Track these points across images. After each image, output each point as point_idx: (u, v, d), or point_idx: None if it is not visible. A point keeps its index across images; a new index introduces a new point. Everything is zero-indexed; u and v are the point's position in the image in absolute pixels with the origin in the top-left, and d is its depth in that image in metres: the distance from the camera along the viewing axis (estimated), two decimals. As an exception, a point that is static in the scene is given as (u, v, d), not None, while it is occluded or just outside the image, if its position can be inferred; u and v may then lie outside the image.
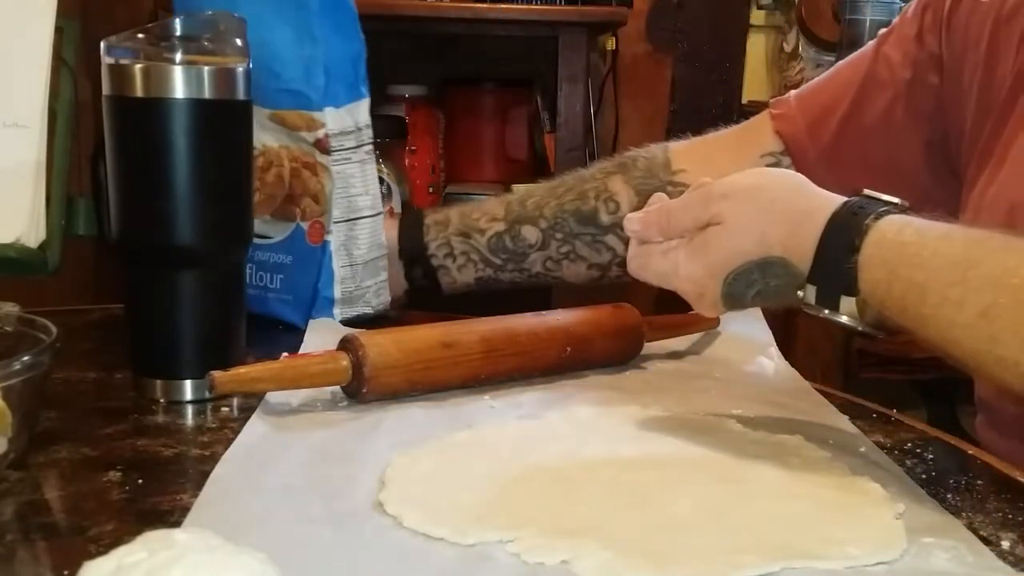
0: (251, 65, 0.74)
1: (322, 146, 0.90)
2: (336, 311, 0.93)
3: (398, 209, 1.39)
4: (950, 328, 0.58)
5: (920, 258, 0.60)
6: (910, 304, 0.60)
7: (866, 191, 0.65)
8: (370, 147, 0.94)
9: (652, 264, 0.70)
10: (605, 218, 0.96)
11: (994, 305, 0.55)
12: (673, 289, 0.70)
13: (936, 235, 0.61)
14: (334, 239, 0.92)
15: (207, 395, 0.70)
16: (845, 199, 0.64)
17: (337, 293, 0.93)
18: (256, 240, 0.94)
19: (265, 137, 0.93)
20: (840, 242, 0.62)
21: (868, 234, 0.61)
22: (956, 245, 0.60)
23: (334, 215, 0.92)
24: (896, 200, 0.64)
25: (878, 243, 0.61)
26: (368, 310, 0.95)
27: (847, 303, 0.63)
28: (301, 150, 0.92)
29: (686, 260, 0.68)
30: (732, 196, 0.66)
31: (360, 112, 0.92)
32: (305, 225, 0.93)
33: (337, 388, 0.73)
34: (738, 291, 0.66)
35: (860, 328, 0.64)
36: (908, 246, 0.61)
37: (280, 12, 0.87)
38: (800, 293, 0.65)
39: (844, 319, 0.63)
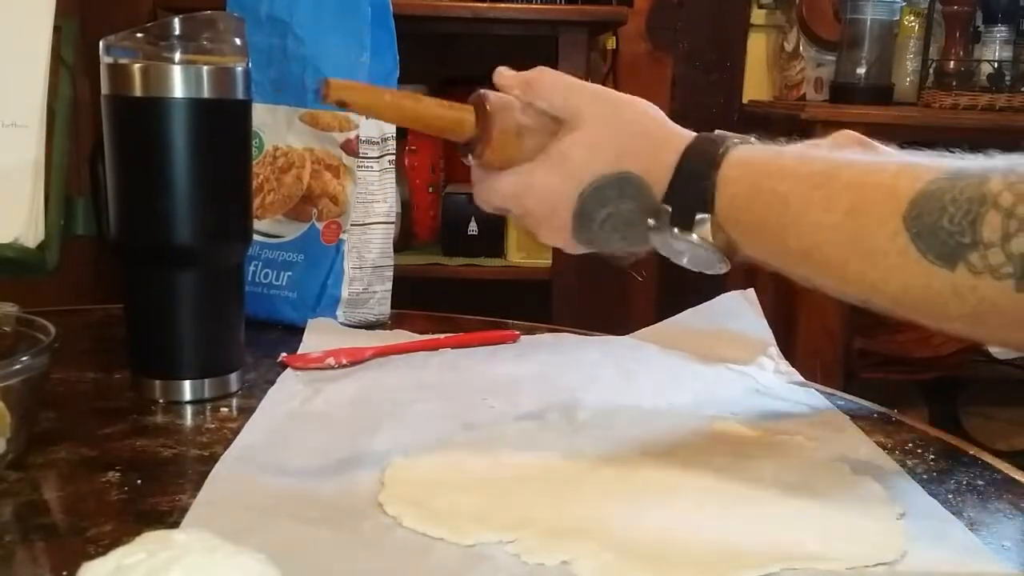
0: (296, 65, 0.74)
1: (350, 148, 0.94)
2: (340, 312, 0.94)
3: (397, 209, 1.39)
4: (816, 231, 0.57)
5: (782, 170, 0.60)
6: (772, 215, 0.59)
7: (717, 132, 0.65)
8: (392, 157, 0.97)
9: (500, 186, 0.67)
10: None
11: (861, 200, 0.55)
12: (520, 212, 0.68)
13: (794, 152, 0.61)
14: (348, 240, 0.94)
15: (319, 102, 0.65)
16: (695, 133, 0.64)
17: (345, 293, 0.94)
18: (266, 239, 0.95)
19: (291, 139, 0.96)
20: (699, 162, 0.62)
21: (728, 154, 0.62)
22: (816, 159, 0.60)
23: (352, 217, 0.94)
24: (750, 137, 0.64)
25: (738, 162, 0.61)
26: (371, 317, 0.96)
27: (701, 223, 0.62)
28: (326, 151, 0.95)
29: (544, 171, 0.66)
30: (593, 104, 0.66)
31: (387, 124, 0.95)
32: (320, 225, 0.95)
33: (335, 388, 0.73)
34: (590, 209, 0.65)
35: (707, 252, 0.63)
36: (769, 163, 0.61)
37: (335, 18, 0.92)
38: (651, 221, 0.64)
39: (695, 238, 0.62)
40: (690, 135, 0.64)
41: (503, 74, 0.69)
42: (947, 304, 0.53)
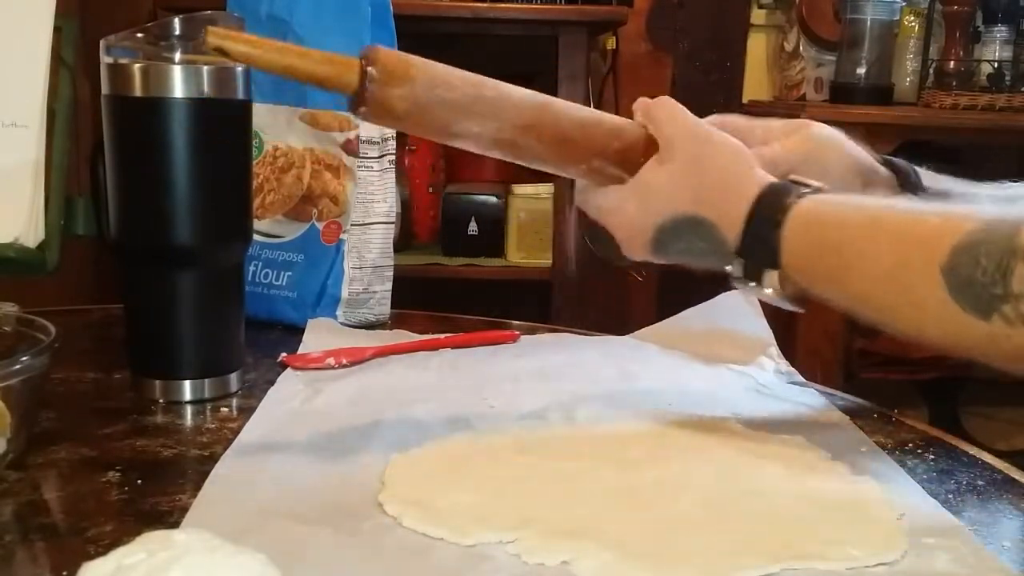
0: None
1: (350, 148, 0.94)
2: (340, 312, 0.94)
3: (397, 209, 1.39)
4: (867, 281, 0.60)
5: (837, 221, 0.63)
6: (831, 265, 0.62)
7: (792, 176, 0.67)
8: (392, 158, 0.97)
9: (594, 198, 0.71)
10: None
11: (905, 252, 0.58)
12: (607, 225, 0.71)
13: (851, 203, 0.64)
14: (348, 240, 0.94)
15: (194, 49, 0.64)
16: (771, 178, 0.66)
17: (345, 293, 0.94)
18: (266, 239, 0.95)
19: (291, 138, 0.96)
20: (766, 218, 0.64)
21: (791, 209, 0.64)
22: (867, 208, 0.63)
23: (352, 217, 0.94)
24: (819, 184, 0.66)
25: (800, 217, 0.64)
26: (371, 317, 0.96)
27: (770, 277, 0.65)
28: (326, 151, 0.95)
29: (630, 197, 0.69)
30: (685, 140, 0.68)
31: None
32: (320, 225, 0.95)
33: (335, 388, 0.73)
34: (666, 241, 0.68)
35: (781, 302, 0.66)
36: (826, 214, 0.64)
37: (335, 18, 0.92)
38: (729, 268, 0.67)
39: (768, 292, 0.66)
40: (763, 183, 0.66)
41: (638, 101, 0.72)
42: (987, 350, 0.55)
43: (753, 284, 0.66)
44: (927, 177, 0.74)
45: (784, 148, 0.71)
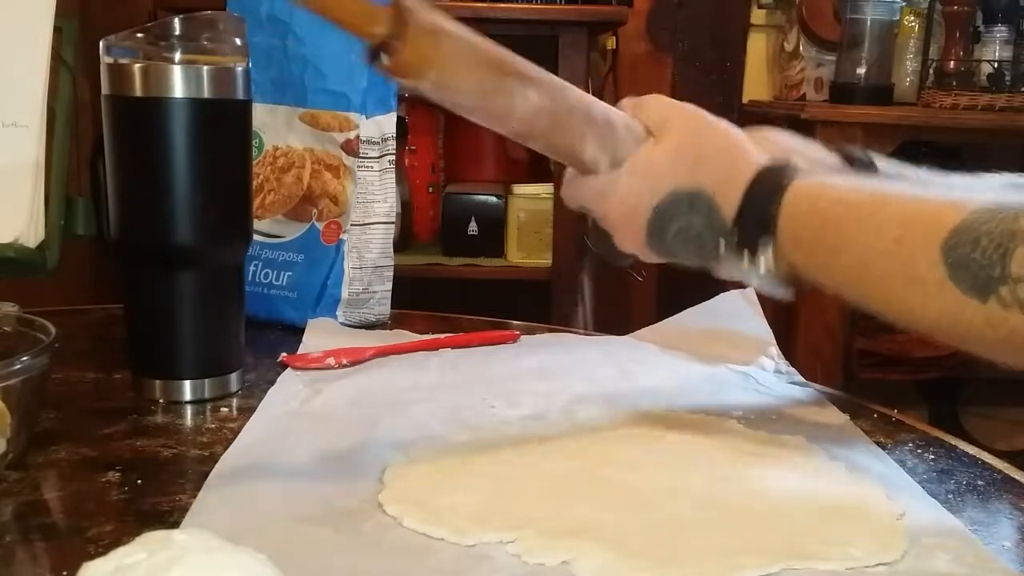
0: (296, 65, 0.74)
1: (350, 148, 0.94)
2: (340, 312, 0.94)
3: (397, 209, 1.39)
4: (865, 256, 0.59)
5: (838, 199, 0.62)
6: (828, 236, 0.61)
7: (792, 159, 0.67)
8: (392, 158, 0.97)
9: (588, 185, 0.69)
10: None
11: (907, 229, 0.57)
12: (601, 214, 0.69)
13: (853, 183, 0.64)
14: (348, 240, 0.94)
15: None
16: (769, 157, 0.66)
17: (345, 293, 0.94)
18: (266, 239, 0.95)
19: (291, 139, 0.96)
20: (766, 187, 0.64)
21: (792, 183, 0.63)
22: (867, 187, 0.63)
23: (352, 217, 0.94)
24: (818, 167, 0.66)
25: (800, 188, 0.63)
26: (371, 317, 0.96)
27: (764, 251, 0.64)
28: (326, 151, 0.95)
29: (627, 177, 0.67)
30: (682, 117, 0.68)
31: (387, 124, 0.95)
32: (320, 225, 0.95)
33: (335, 388, 0.73)
34: (663, 222, 0.66)
35: (771, 285, 0.65)
36: (827, 189, 0.63)
37: None
38: (722, 243, 0.65)
39: (760, 269, 0.64)
40: (763, 160, 0.66)
41: (624, 100, 0.71)
42: (981, 334, 0.54)
43: (745, 254, 0.64)
44: (889, 167, 0.73)
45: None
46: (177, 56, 0.70)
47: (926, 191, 0.60)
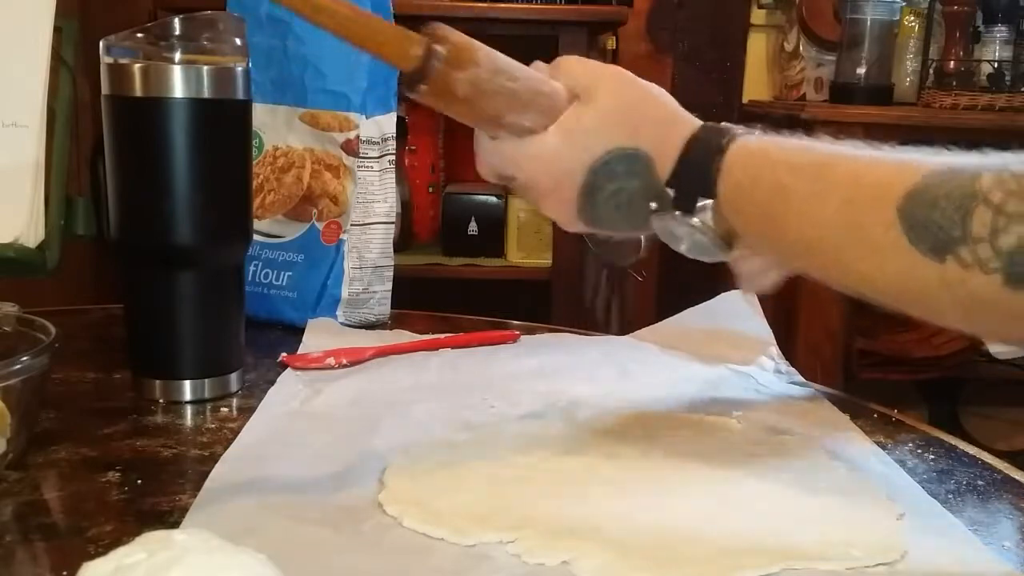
0: (296, 65, 0.74)
1: (350, 148, 0.94)
2: (340, 312, 0.94)
3: (397, 209, 1.40)
4: (813, 221, 0.58)
5: (783, 162, 0.60)
6: (773, 204, 0.60)
7: (724, 123, 0.65)
8: (392, 158, 0.97)
9: (506, 150, 0.66)
10: None
11: (858, 192, 0.56)
12: (524, 180, 0.66)
13: (796, 144, 0.62)
14: (348, 240, 0.94)
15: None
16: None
17: (345, 293, 0.94)
18: (266, 239, 0.95)
19: (291, 139, 0.97)
20: (705, 148, 0.62)
21: (733, 142, 0.62)
22: (816, 151, 0.61)
23: (352, 217, 0.94)
24: (756, 131, 0.64)
25: (742, 151, 0.62)
26: (371, 317, 0.96)
27: (703, 209, 0.62)
28: (326, 151, 0.95)
29: (554, 140, 0.65)
30: (612, 79, 0.66)
31: (387, 124, 0.95)
32: (320, 225, 0.95)
33: (335, 388, 0.73)
34: (599, 184, 0.64)
35: (707, 238, 0.63)
36: (771, 154, 0.61)
37: None
38: (653, 204, 0.64)
39: (695, 222, 0.62)
40: (699, 122, 0.65)
41: (535, 64, 0.68)
42: (938, 297, 0.53)
43: (679, 214, 0.63)
44: None
45: None
46: (177, 56, 0.70)
47: (877, 153, 0.59)
